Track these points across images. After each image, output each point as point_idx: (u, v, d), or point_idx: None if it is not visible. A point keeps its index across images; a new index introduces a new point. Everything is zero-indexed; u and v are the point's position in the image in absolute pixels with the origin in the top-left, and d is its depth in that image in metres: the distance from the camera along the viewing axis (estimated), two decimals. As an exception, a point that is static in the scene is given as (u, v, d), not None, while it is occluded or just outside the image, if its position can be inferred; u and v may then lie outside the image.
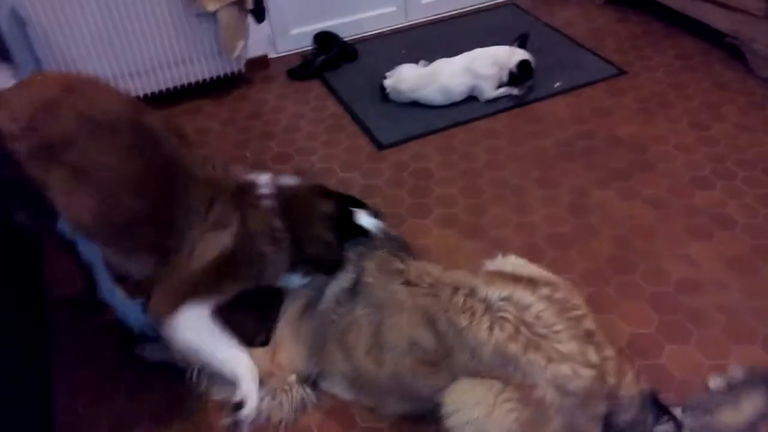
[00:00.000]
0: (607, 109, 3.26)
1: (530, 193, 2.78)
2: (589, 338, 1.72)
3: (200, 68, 3.42)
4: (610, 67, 3.58)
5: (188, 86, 3.46)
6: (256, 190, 1.95)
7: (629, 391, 1.75)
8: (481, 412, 1.65)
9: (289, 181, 2.05)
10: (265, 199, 1.94)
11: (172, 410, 2.02)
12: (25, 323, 2.15)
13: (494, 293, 1.76)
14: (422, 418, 1.87)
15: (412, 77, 3.35)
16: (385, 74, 3.44)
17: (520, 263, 2.03)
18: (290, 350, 2.03)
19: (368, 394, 1.96)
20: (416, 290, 1.86)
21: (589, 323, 1.76)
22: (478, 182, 2.85)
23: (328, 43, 3.78)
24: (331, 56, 3.70)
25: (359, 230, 2.06)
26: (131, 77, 3.28)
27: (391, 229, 2.18)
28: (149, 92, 3.37)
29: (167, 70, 3.35)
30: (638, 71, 3.53)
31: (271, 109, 3.45)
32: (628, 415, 1.75)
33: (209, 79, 3.48)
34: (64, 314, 2.34)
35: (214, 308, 1.91)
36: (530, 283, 1.83)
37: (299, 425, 1.97)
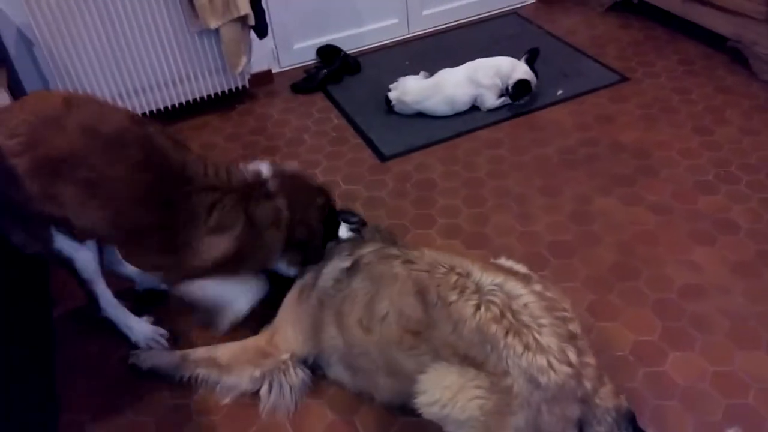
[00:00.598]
0: (609, 115, 3.26)
1: (533, 201, 2.78)
2: (571, 339, 1.70)
3: (204, 84, 3.46)
4: (612, 73, 3.58)
5: (193, 102, 3.50)
6: (261, 180, 2.12)
7: (605, 402, 1.71)
8: (447, 395, 1.67)
9: (290, 167, 2.29)
10: (270, 181, 2.12)
11: (177, 425, 2.03)
12: (30, 336, 2.17)
13: (487, 279, 1.79)
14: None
15: (416, 89, 3.37)
16: (388, 86, 3.46)
17: (519, 266, 2.05)
18: (287, 332, 2.09)
19: (361, 374, 1.98)
20: (413, 266, 1.90)
21: (574, 327, 1.75)
22: (481, 192, 2.86)
23: (330, 56, 3.82)
24: (333, 69, 3.73)
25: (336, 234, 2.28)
26: (136, 94, 3.32)
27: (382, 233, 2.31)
28: (155, 109, 3.41)
29: (172, 86, 3.39)
30: (641, 77, 3.53)
31: (275, 123, 3.48)
32: (601, 428, 1.70)
33: (214, 94, 3.52)
34: (69, 327, 2.37)
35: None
36: (524, 278, 1.87)
37: (303, 437, 1.98)
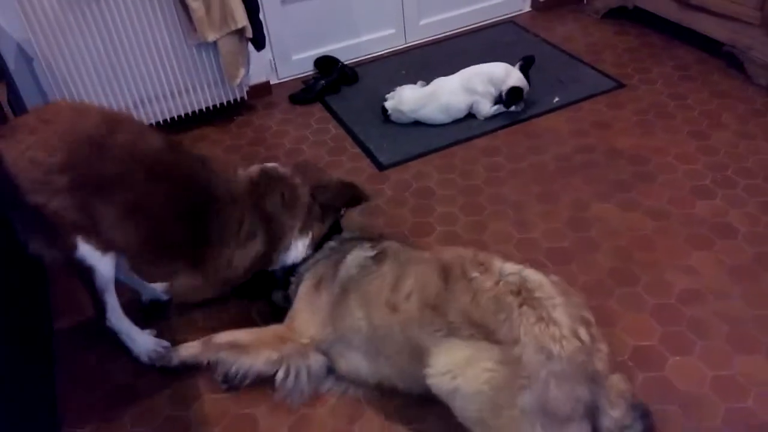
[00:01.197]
0: (606, 122, 3.28)
1: (530, 208, 2.79)
2: (585, 323, 1.71)
3: (203, 96, 3.48)
4: (608, 80, 3.60)
5: (192, 114, 3.52)
6: (263, 171, 2.26)
7: (618, 385, 1.73)
8: (458, 365, 1.70)
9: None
10: (281, 168, 2.28)
11: (177, 436, 2.04)
12: (31, 348, 2.18)
13: (508, 266, 1.86)
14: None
15: (413, 98, 3.39)
16: (385, 96, 3.48)
17: None
18: (305, 318, 2.11)
19: (383, 359, 1.97)
20: (440, 253, 2.02)
21: (589, 315, 1.76)
22: (478, 199, 2.87)
23: (328, 67, 3.84)
24: (331, 80, 3.75)
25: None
26: (135, 107, 3.34)
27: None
28: (154, 121, 3.43)
29: (171, 99, 3.41)
30: (637, 84, 3.55)
31: (273, 134, 3.50)
32: (615, 412, 1.68)
33: (212, 106, 3.54)
34: (70, 341, 2.38)
35: None
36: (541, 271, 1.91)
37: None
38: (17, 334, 2.07)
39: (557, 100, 3.47)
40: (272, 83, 3.88)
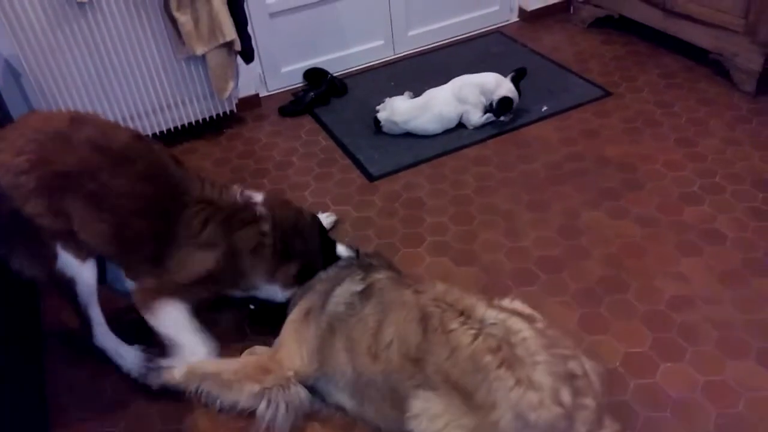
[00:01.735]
0: (594, 130, 3.30)
1: (520, 217, 2.80)
2: (568, 379, 1.65)
3: (193, 110, 3.48)
4: (596, 89, 3.63)
5: (182, 128, 3.52)
6: (250, 203, 2.21)
7: None
8: (437, 425, 1.69)
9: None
10: (258, 206, 2.20)
11: (168, 451, 2.03)
12: (21, 363, 2.17)
13: (491, 313, 1.80)
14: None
15: (406, 108, 3.39)
16: (374, 107, 3.49)
17: (524, 306, 2.03)
18: (291, 349, 2.08)
19: (369, 404, 1.96)
20: (422, 295, 1.95)
21: (575, 366, 1.70)
22: (468, 209, 2.87)
23: (317, 79, 3.85)
24: (320, 92, 3.76)
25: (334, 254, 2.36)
26: (125, 121, 3.33)
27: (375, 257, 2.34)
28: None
29: (160, 113, 3.41)
30: (624, 92, 3.57)
31: (263, 146, 3.50)
32: None
33: (202, 119, 3.54)
34: (60, 353, 2.36)
35: (193, 303, 2.15)
36: (529, 317, 1.87)
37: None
38: (6, 347, 2.06)
39: (545, 108, 3.49)
40: (261, 96, 3.89)
